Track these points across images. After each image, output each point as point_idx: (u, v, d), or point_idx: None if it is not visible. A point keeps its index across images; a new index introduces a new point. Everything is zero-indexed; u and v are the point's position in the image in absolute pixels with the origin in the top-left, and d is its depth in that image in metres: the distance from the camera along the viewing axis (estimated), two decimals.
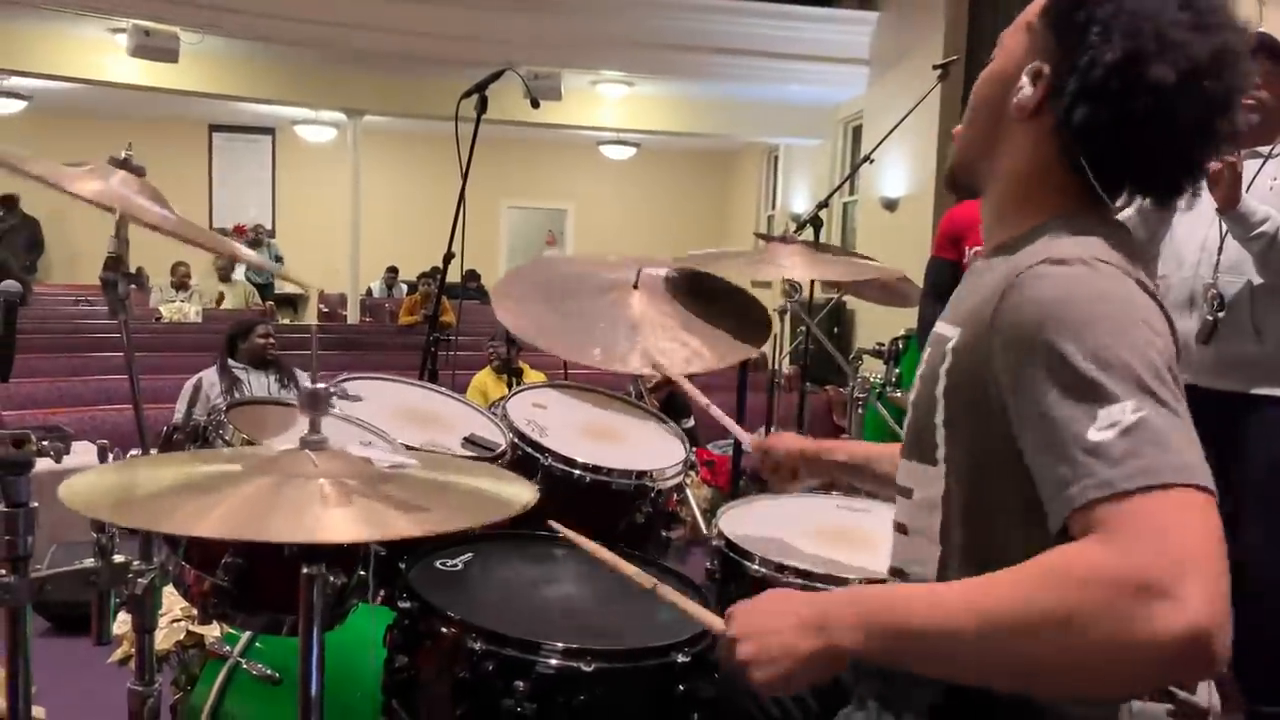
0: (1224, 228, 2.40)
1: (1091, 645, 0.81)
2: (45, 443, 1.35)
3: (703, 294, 2.12)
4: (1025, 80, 1.07)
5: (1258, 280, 2.38)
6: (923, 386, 1.13)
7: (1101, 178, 1.06)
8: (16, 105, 10.35)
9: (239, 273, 10.50)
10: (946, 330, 1.11)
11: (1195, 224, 2.48)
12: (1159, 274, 2.58)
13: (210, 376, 4.50)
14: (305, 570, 1.06)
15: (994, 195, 1.14)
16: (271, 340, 4.66)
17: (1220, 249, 2.41)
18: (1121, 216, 1.31)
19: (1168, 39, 0.99)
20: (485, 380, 5.54)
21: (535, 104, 3.54)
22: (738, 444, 3.30)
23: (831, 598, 0.97)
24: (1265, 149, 2.41)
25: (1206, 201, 2.43)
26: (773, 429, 5.21)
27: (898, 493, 1.20)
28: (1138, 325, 0.93)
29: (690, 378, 1.99)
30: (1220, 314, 2.41)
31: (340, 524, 0.95)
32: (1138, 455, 0.85)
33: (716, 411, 1.80)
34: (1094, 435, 0.87)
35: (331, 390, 1.07)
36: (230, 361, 4.62)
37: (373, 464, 1.06)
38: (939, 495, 1.10)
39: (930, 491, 1.12)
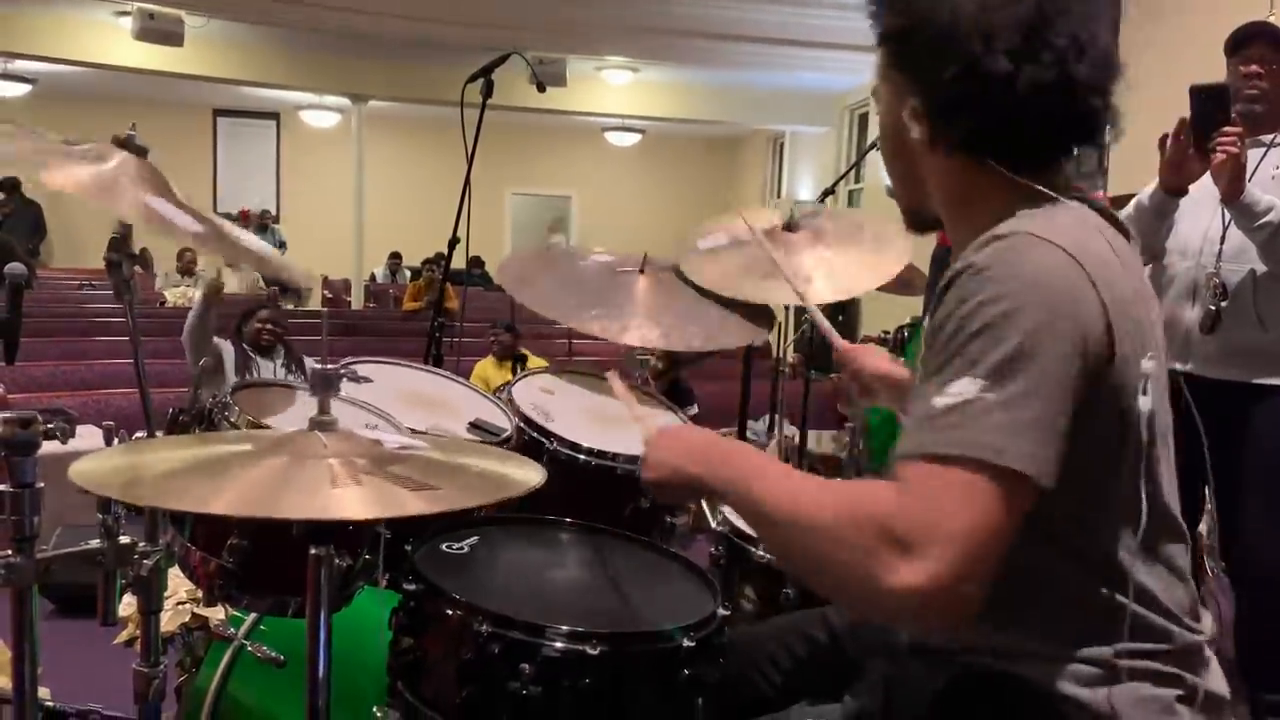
0: (1226, 217, 2.39)
1: (836, 566, 0.93)
2: (50, 424, 1.35)
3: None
4: (909, 122, 1.09)
5: (1261, 269, 2.37)
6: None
7: (1020, 165, 1.05)
8: (21, 88, 10.34)
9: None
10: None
11: (1198, 213, 2.47)
12: (1162, 263, 2.56)
13: (227, 346, 4.53)
14: (313, 551, 1.06)
15: (948, 221, 1.16)
16: (270, 327, 4.64)
17: (1223, 238, 2.40)
18: (1121, 215, 1.29)
19: (985, 27, 1.00)
20: (487, 369, 5.54)
21: (541, 88, 3.52)
22: (742, 431, 3.30)
23: (718, 448, 1.13)
24: (1267, 138, 2.39)
25: (1209, 191, 2.41)
26: (777, 417, 5.22)
27: None
28: (1031, 308, 0.92)
29: (695, 359, 1.99)
30: (1223, 303, 2.40)
31: (351, 502, 0.96)
32: (955, 427, 0.90)
33: (819, 316, 1.73)
34: (937, 401, 0.93)
35: (341, 371, 1.07)
36: (243, 343, 4.64)
37: (382, 445, 1.06)
38: None
39: None
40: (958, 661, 1.08)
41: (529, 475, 1.12)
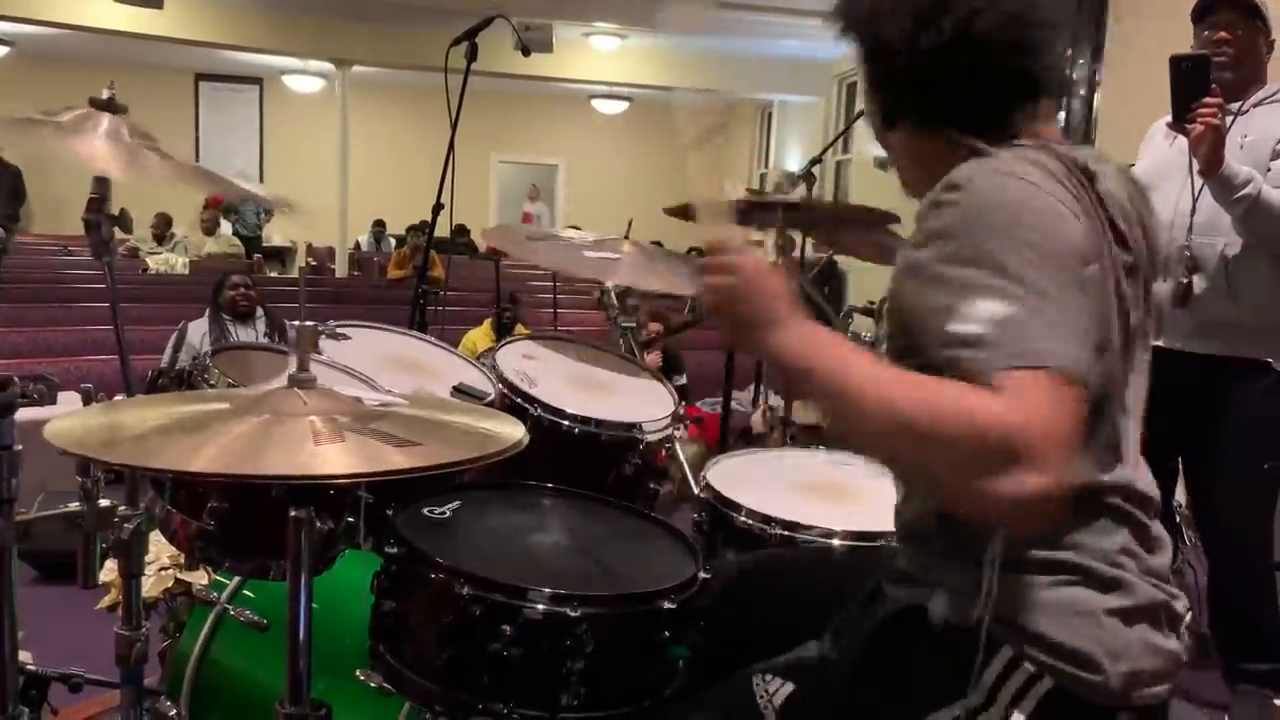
0: (1196, 189, 2.37)
1: (959, 472, 0.89)
2: (31, 386, 1.34)
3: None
4: (867, 104, 1.18)
5: (1233, 241, 2.35)
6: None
7: (966, 126, 1.09)
8: None
9: (225, 228, 10.39)
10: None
11: (1168, 186, 2.44)
12: None
13: (199, 326, 4.49)
14: (293, 513, 1.06)
15: (915, 191, 1.19)
16: (243, 291, 4.62)
17: (1193, 210, 2.38)
18: None
19: (888, 8, 1.09)
20: (477, 338, 5.53)
21: (526, 52, 3.49)
22: (727, 401, 3.31)
23: (796, 320, 1.05)
24: (1234, 106, 2.36)
25: (1178, 163, 2.39)
26: (763, 387, 5.23)
27: None
28: (1021, 223, 0.97)
29: (678, 330, 2.01)
30: (1195, 276, 2.39)
31: (333, 459, 0.95)
32: (1005, 343, 0.92)
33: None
34: (964, 328, 0.93)
35: (321, 329, 1.06)
36: (221, 313, 4.62)
37: (363, 402, 1.06)
38: None
39: None
40: (893, 601, 1.11)
41: (512, 431, 1.12)
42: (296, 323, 1.08)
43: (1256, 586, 2.48)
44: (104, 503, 1.37)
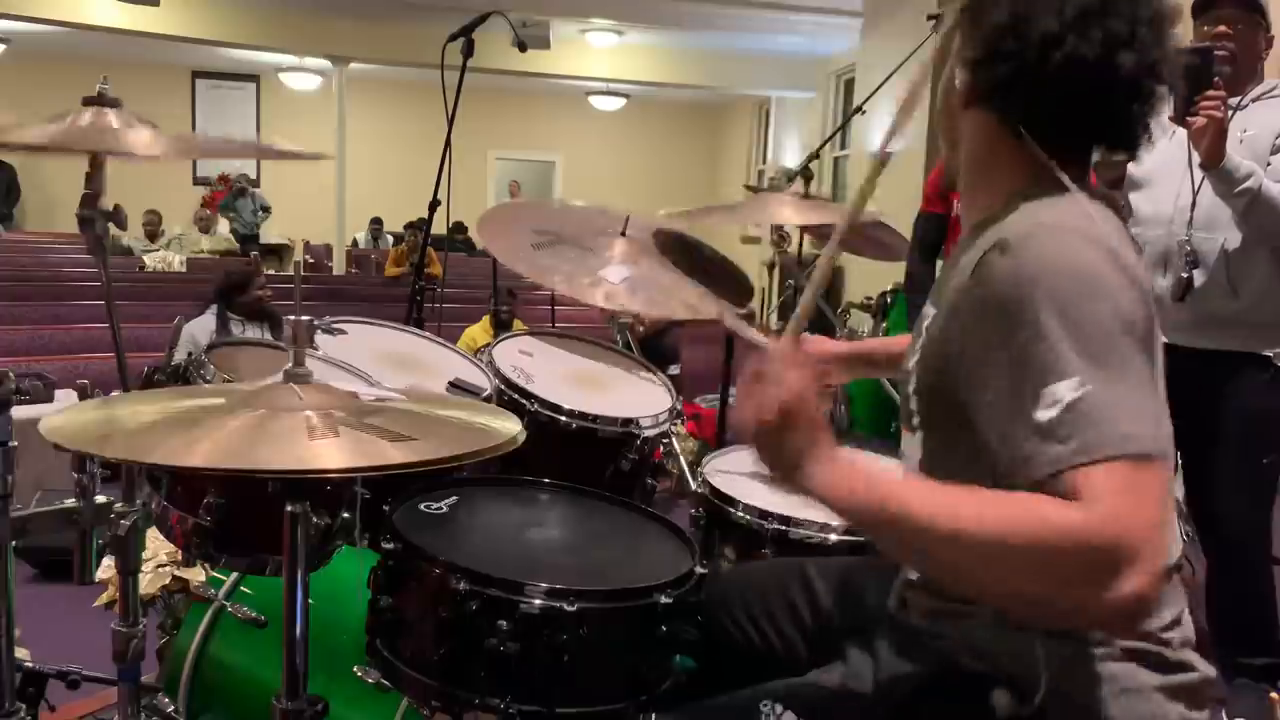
0: (1196, 183, 2.37)
1: (1056, 591, 0.88)
2: (27, 383, 1.34)
3: (687, 254, 2.11)
4: (957, 70, 1.10)
5: (1232, 236, 2.36)
6: (906, 361, 1.19)
7: (1044, 141, 1.05)
8: None
9: (223, 226, 10.38)
10: (928, 309, 1.16)
11: (1169, 181, 2.44)
12: (1134, 232, 2.55)
13: (203, 323, 4.48)
14: (289, 508, 1.05)
15: (964, 183, 1.18)
16: (268, 292, 4.68)
17: (1193, 205, 2.38)
18: None
19: None
20: (476, 334, 5.54)
21: (523, 48, 3.48)
22: (724, 397, 3.31)
23: (851, 462, 1.00)
24: (1233, 101, 2.36)
25: (1179, 158, 2.39)
26: None
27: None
28: (1095, 297, 0.93)
29: (677, 326, 1.99)
30: (1195, 271, 2.39)
31: (329, 454, 0.95)
32: (1081, 432, 0.89)
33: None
34: (1039, 415, 0.91)
35: (317, 324, 1.06)
36: (228, 314, 4.60)
37: (358, 397, 1.05)
38: (917, 461, 1.15)
39: (914, 459, 1.17)
40: (937, 646, 1.09)
41: (508, 427, 1.12)
42: (292, 317, 1.08)
43: (1255, 581, 2.48)
44: (100, 499, 1.37)
